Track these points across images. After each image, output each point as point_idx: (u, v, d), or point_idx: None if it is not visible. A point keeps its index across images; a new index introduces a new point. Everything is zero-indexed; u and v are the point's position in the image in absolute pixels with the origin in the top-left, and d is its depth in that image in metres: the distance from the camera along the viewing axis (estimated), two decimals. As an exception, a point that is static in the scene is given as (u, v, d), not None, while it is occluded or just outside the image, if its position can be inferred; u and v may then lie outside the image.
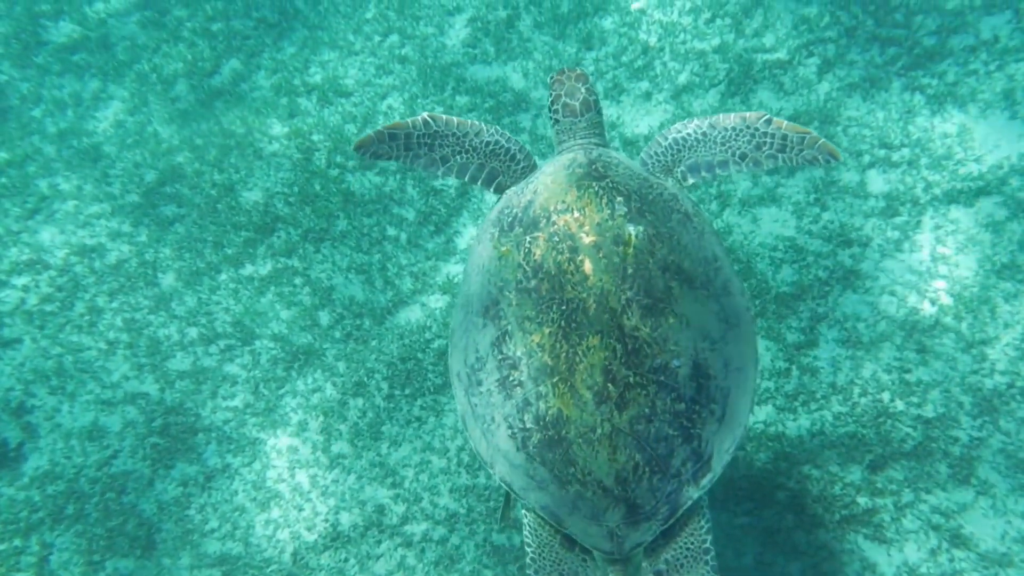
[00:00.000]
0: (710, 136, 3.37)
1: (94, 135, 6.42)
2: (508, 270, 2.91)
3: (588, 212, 2.88)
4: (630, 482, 2.68)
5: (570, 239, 2.83)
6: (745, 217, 5.62)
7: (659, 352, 2.70)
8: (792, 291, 5.25)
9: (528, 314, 2.79)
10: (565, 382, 2.68)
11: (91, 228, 5.95)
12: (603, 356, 2.67)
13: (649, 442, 2.67)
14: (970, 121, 5.53)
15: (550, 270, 2.81)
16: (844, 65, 5.98)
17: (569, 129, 3.48)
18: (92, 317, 5.56)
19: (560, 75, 3.53)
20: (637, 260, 2.79)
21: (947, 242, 5.16)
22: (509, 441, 2.81)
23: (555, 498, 2.76)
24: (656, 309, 2.74)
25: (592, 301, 2.73)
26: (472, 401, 2.95)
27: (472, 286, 3.10)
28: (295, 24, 6.96)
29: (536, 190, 3.08)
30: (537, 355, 2.74)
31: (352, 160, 6.23)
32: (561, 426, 2.70)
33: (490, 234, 3.10)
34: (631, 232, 2.83)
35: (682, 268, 2.85)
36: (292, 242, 5.90)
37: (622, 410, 2.66)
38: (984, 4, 5.85)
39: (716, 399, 2.78)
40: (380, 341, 5.61)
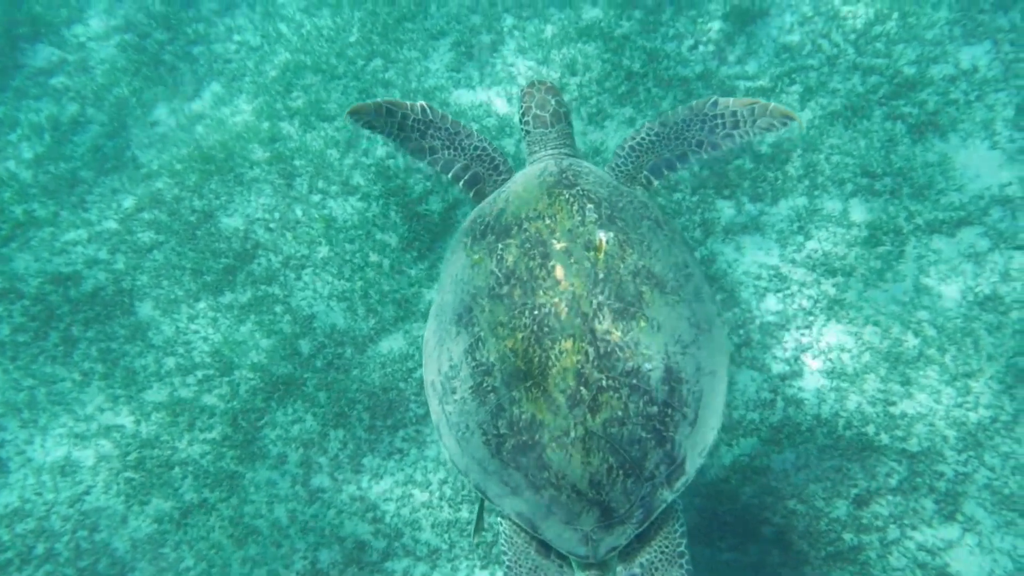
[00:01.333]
0: (663, 134, 3.43)
1: (72, 160, 6.31)
2: (481, 277, 2.94)
3: (559, 219, 2.92)
4: (604, 485, 2.69)
5: (542, 245, 2.87)
6: (729, 245, 5.60)
7: (631, 356, 2.72)
8: (777, 320, 5.23)
9: (501, 320, 2.81)
10: (538, 386, 2.69)
11: (67, 255, 5.84)
12: (576, 360, 2.69)
13: (622, 445, 2.69)
14: (951, 150, 5.55)
15: (522, 276, 2.84)
16: (826, 93, 6.00)
17: (540, 139, 3.53)
18: (66, 347, 5.44)
19: (531, 87, 3.59)
20: (608, 265, 2.82)
21: (930, 272, 5.16)
22: (483, 448, 2.82)
23: (529, 503, 2.77)
24: (627, 313, 2.77)
25: (564, 306, 2.75)
26: (446, 409, 2.96)
27: (445, 295, 3.12)
28: (277, 47, 6.91)
29: (508, 199, 3.10)
30: (510, 360, 2.76)
31: (335, 186, 6.17)
32: (535, 430, 2.71)
33: (463, 243, 3.13)
34: (602, 238, 2.86)
35: (652, 273, 2.89)
36: (273, 269, 5.82)
37: (595, 413, 2.67)
38: (963, 34, 5.90)
39: (688, 402, 2.80)
40: (362, 370, 5.53)
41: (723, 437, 4.92)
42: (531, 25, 6.88)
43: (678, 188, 5.89)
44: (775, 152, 5.83)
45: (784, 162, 5.80)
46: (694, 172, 5.89)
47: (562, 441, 2.68)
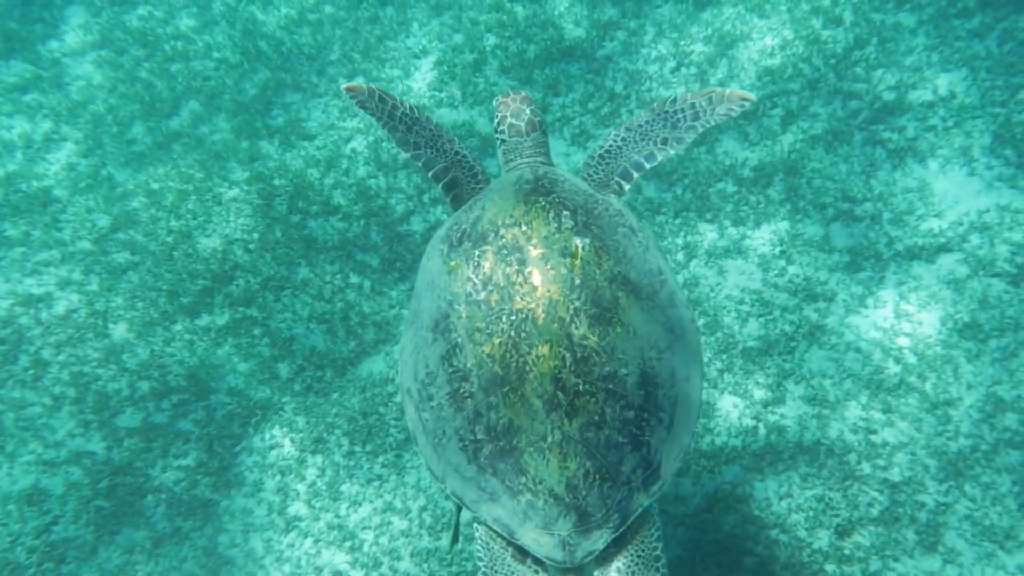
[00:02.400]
0: (629, 138, 3.50)
1: (44, 178, 6.19)
2: (458, 283, 2.95)
3: (536, 225, 2.93)
4: (581, 490, 2.70)
5: (518, 252, 2.88)
6: (711, 269, 5.60)
7: (607, 361, 2.74)
8: (759, 346, 5.22)
9: (478, 326, 2.82)
10: (515, 391, 2.70)
11: (39, 276, 5.70)
12: (553, 364, 2.71)
13: (599, 449, 2.70)
14: (930, 176, 5.59)
15: (499, 282, 2.85)
16: (807, 117, 6.03)
17: (515, 148, 3.56)
18: (37, 371, 5.31)
19: (506, 97, 3.62)
20: (584, 271, 2.84)
21: (910, 299, 5.18)
22: (460, 454, 2.83)
23: (506, 509, 2.78)
24: (604, 319, 2.79)
25: (541, 311, 2.76)
26: (423, 416, 2.95)
27: (422, 302, 3.12)
28: (257, 65, 6.84)
29: (484, 206, 3.12)
30: (487, 366, 2.76)
31: (315, 206, 6.10)
32: (512, 435, 2.72)
33: (439, 250, 3.14)
34: (578, 244, 2.88)
35: (628, 279, 2.91)
36: (251, 291, 5.73)
37: (572, 417, 2.69)
38: (941, 60, 5.96)
39: (664, 407, 2.83)
40: (341, 394, 5.45)
41: (705, 464, 4.90)
42: (513, 45, 6.87)
43: (661, 211, 5.88)
44: (757, 176, 5.85)
45: (766, 186, 5.82)
46: (677, 195, 5.89)
47: (539, 446, 2.69)
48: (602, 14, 6.95)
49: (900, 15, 6.22)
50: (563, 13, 7.06)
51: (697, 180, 5.92)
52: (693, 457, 4.95)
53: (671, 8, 6.86)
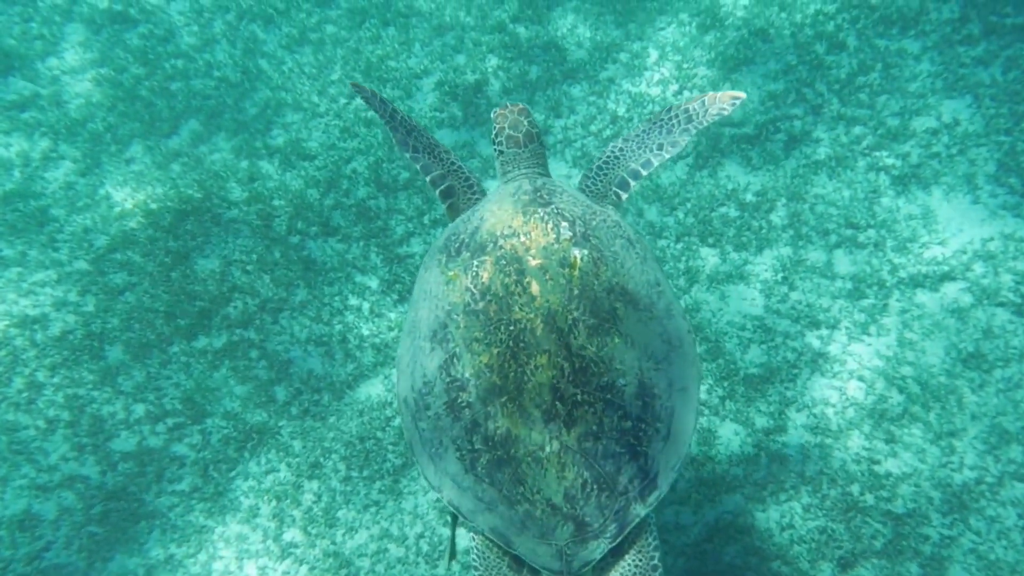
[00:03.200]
0: (627, 148, 3.60)
1: (42, 197, 6.14)
2: (456, 294, 2.96)
3: (534, 236, 2.95)
4: (578, 500, 2.71)
5: (517, 262, 2.89)
6: (713, 294, 5.56)
7: (605, 371, 2.76)
8: (761, 373, 5.17)
9: (476, 336, 2.83)
10: (513, 401, 2.71)
11: (34, 297, 5.65)
12: (551, 375, 2.72)
13: (597, 459, 2.71)
14: (934, 203, 5.57)
15: (498, 292, 2.86)
16: (810, 142, 6.01)
17: (513, 160, 3.59)
18: (31, 394, 5.25)
19: (503, 109, 3.66)
20: (583, 282, 2.86)
21: (914, 327, 5.14)
22: (458, 463, 2.83)
23: (504, 519, 2.78)
24: (602, 329, 2.80)
25: (540, 321, 2.78)
26: (420, 426, 2.96)
27: (419, 312, 3.13)
28: (258, 84, 6.81)
29: (483, 217, 3.14)
30: (486, 375, 2.77)
31: (314, 227, 6.06)
32: (510, 445, 2.72)
33: (437, 260, 3.15)
34: (576, 255, 2.89)
35: (626, 290, 2.93)
36: (249, 313, 5.68)
37: (570, 428, 2.70)
38: (945, 87, 5.94)
39: (661, 418, 2.83)
40: (339, 418, 5.39)
41: (706, 493, 4.84)
42: (516, 66, 6.86)
43: (663, 235, 5.85)
44: (760, 201, 5.82)
45: (769, 211, 5.79)
46: (679, 220, 5.86)
47: (537, 456, 2.70)
48: (605, 36, 6.94)
49: (904, 41, 6.22)
50: (565, 35, 7.05)
51: (699, 204, 5.89)
52: (693, 485, 4.89)
53: (674, 31, 6.85)
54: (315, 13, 7.26)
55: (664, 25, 6.93)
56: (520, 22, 7.19)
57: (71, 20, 7.15)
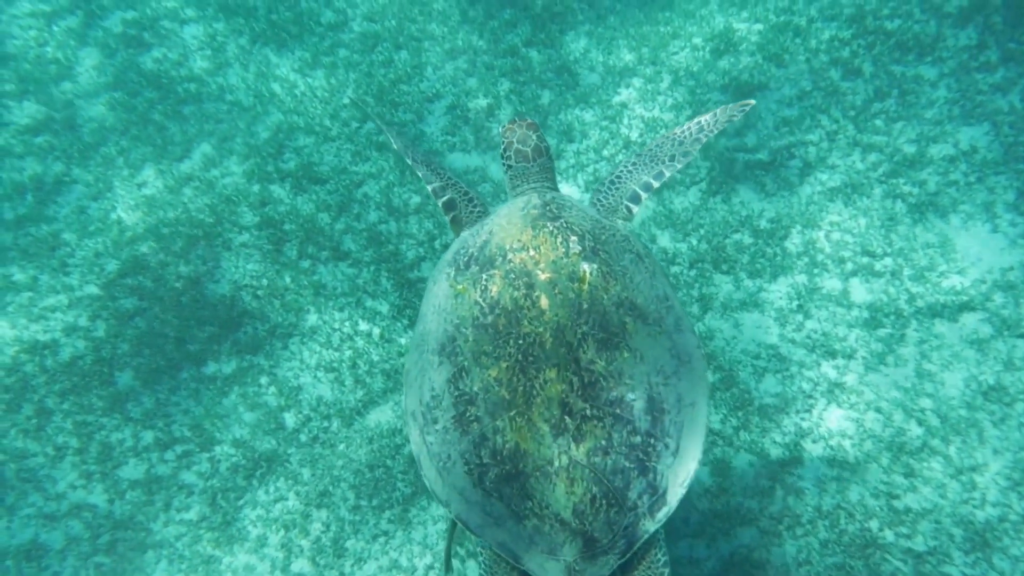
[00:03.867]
0: (639, 163, 3.67)
1: (54, 221, 6.15)
2: (464, 307, 2.95)
3: (544, 250, 2.96)
4: (587, 515, 2.69)
5: (526, 276, 2.90)
6: (727, 322, 5.49)
7: (614, 385, 2.75)
8: (776, 403, 5.09)
9: (485, 349, 2.83)
10: (522, 415, 2.70)
11: (45, 322, 5.64)
12: (560, 389, 2.71)
13: (606, 475, 2.70)
14: (952, 232, 5.49)
15: (507, 306, 2.86)
16: (826, 169, 5.96)
17: (522, 174, 3.64)
18: (40, 420, 5.22)
19: (512, 124, 3.73)
20: (592, 296, 2.86)
21: (932, 358, 5.05)
22: (466, 478, 2.81)
23: (512, 534, 2.75)
24: (611, 343, 2.80)
25: (549, 335, 2.78)
26: (427, 440, 2.95)
27: (427, 325, 3.12)
28: (270, 108, 6.82)
29: (492, 230, 3.14)
30: (494, 389, 2.77)
31: (325, 251, 6.04)
32: (518, 460, 2.71)
33: (446, 274, 3.15)
34: (586, 269, 2.90)
35: (635, 304, 2.93)
36: (259, 338, 5.65)
37: (579, 442, 2.68)
38: (962, 114, 5.89)
39: (670, 433, 2.82)
40: (348, 445, 5.34)
41: (720, 526, 4.75)
42: (528, 90, 6.85)
43: (676, 261, 5.79)
44: (774, 227, 5.76)
45: (783, 238, 5.73)
46: (692, 246, 5.80)
47: (546, 471, 2.68)
48: (618, 60, 6.92)
49: (921, 67, 6.17)
50: (578, 59, 7.04)
51: (713, 231, 5.83)
52: (707, 518, 4.81)
53: (687, 55, 6.83)
54: (328, 36, 7.28)
55: (677, 50, 6.90)
56: (533, 46, 7.19)
57: (86, 44, 7.19)
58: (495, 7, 7.41)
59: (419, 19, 7.37)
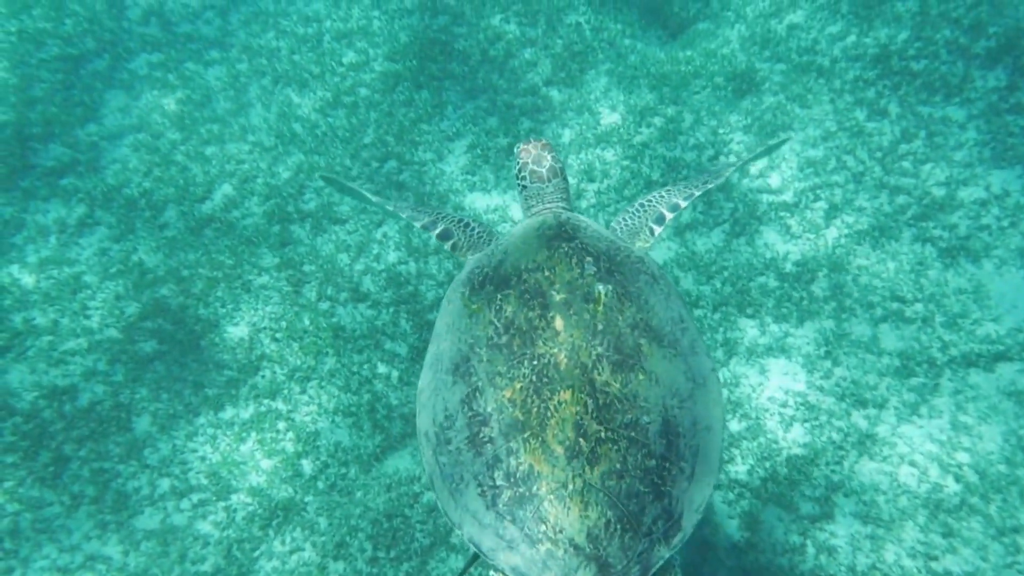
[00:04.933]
0: (673, 190, 3.72)
1: (76, 264, 6.16)
2: (479, 327, 2.94)
3: (559, 271, 2.97)
4: (602, 540, 2.62)
5: (541, 296, 2.90)
6: (753, 367, 5.36)
7: (630, 408, 2.73)
8: (804, 453, 4.95)
9: (499, 370, 2.82)
10: (536, 437, 2.68)
11: (64, 367, 5.62)
12: (575, 411, 2.68)
13: (621, 498, 2.65)
14: (985, 278, 5.35)
15: (521, 326, 2.86)
16: (852, 211, 5.85)
17: (537, 194, 3.63)
18: (57, 468, 5.18)
19: (527, 145, 3.72)
20: (607, 317, 2.86)
21: (968, 409, 4.89)
22: (479, 500, 2.77)
23: (525, 558, 2.67)
24: (626, 365, 2.79)
25: (563, 356, 2.77)
26: (440, 460, 2.92)
27: (441, 344, 3.11)
28: (291, 148, 6.84)
29: (507, 250, 3.15)
30: (508, 410, 2.75)
31: (344, 292, 5.99)
32: (532, 482, 2.67)
33: (460, 293, 3.14)
34: (601, 290, 2.89)
35: (650, 326, 2.92)
36: (277, 382, 5.60)
37: (593, 465, 2.65)
38: (993, 156, 5.76)
39: (685, 457, 2.79)
40: (366, 493, 5.25)
41: (750, 585, 4.59)
42: (549, 129, 6.82)
43: (699, 304, 5.69)
44: (800, 271, 5.64)
45: (810, 282, 5.61)
46: (716, 289, 5.69)
47: (560, 494, 2.63)
48: (639, 99, 6.88)
49: (948, 109, 6.07)
50: (599, 97, 7.01)
51: (737, 273, 5.73)
52: (735, 575, 4.65)
53: (709, 95, 6.77)
54: (349, 76, 7.31)
55: (699, 89, 6.85)
56: (553, 85, 7.18)
57: (111, 86, 7.28)
58: (515, 46, 7.42)
59: (439, 59, 7.38)
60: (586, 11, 7.63)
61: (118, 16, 7.76)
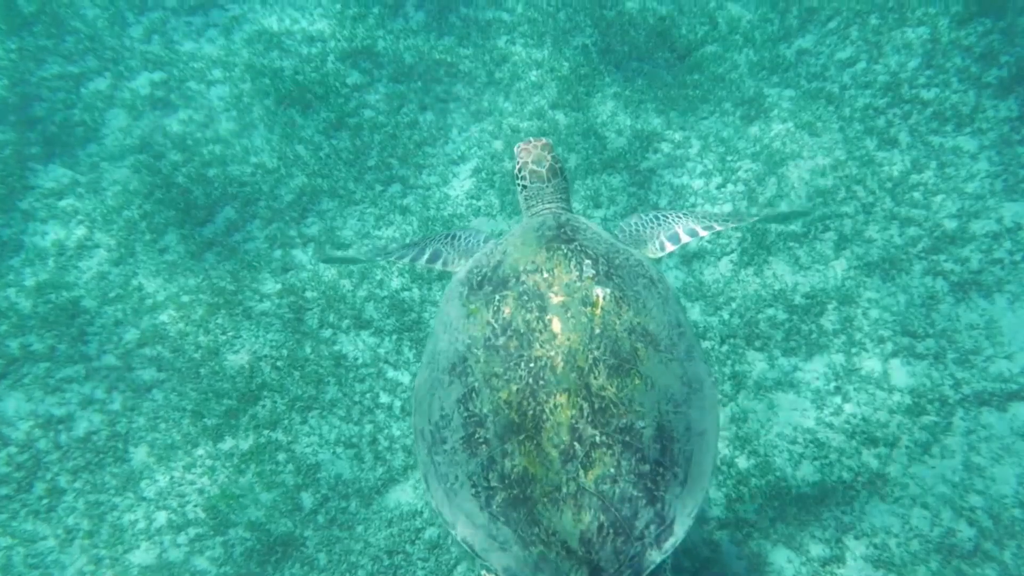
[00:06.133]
0: (696, 215, 3.73)
1: (74, 288, 6.07)
2: (476, 328, 2.96)
3: (557, 273, 2.98)
4: (594, 544, 2.66)
5: (539, 298, 2.92)
6: (761, 402, 5.28)
7: (625, 412, 2.75)
8: (814, 493, 4.85)
9: (496, 371, 2.83)
10: (531, 440, 2.70)
11: (61, 395, 5.53)
12: (570, 414, 2.71)
13: (614, 503, 2.68)
14: (997, 313, 5.27)
15: (519, 328, 2.87)
16: (862, 242, 5.77)
17: (537, 194, 3.63)
18: (51, 500, 5.08)
19: (527, 144, 3.69)
20: (604, 321, 2.87)
21: (981, 450, 4.80)
22: (472, 500, 2.80)
23: (518, 559, 2.72)
24: (622, 370, 2.80)
25: (560, 359, 2.78)
26: (435, 459, 2.95)
27: (439, 344, 3.12)
28: (294, 170, 6.76)
29: (506, 251, 3.16)
30: (504, 412, 2.76)
31: (346, 320, 5.91)
32: (526, 485, 2.70)
33: (458, 292, 3.16)
34: (599, 294, 2.92)
35: (647, 331, 2.93)
36: (277, 412, 5.50)
37: (588, 469, 2.67)
38: (1005, 189, 5.69)
39: (679, 462, 2.81)
40: (367, 527, 5.15)
41: (759, 630, 4.49)
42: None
43: (706, 336, 5.60)
44: (809, 303, 5.56)
45: (819, 314, 5.53)
46: (724, 320, 5.61)
47: (554, 497, 2.67)
48: (646, 124, 6.81)
49: (959, 139, 6.00)
50: (605, 122, 6.94)
51: (745, 305, 5.65)
52: (744, 616, 4.56)
53: (717, 121, 6.70)
54: (353, 98, 7.24)
55: (707, 114, 6.79)
56: (559, 108, 7.11)
57: (113, 105, 7.19)
58: (521, 68, 7.36)
59: (445, 80, 7.32)
60: (592, 33, 7.57)
61: (120, 34, 7.69)
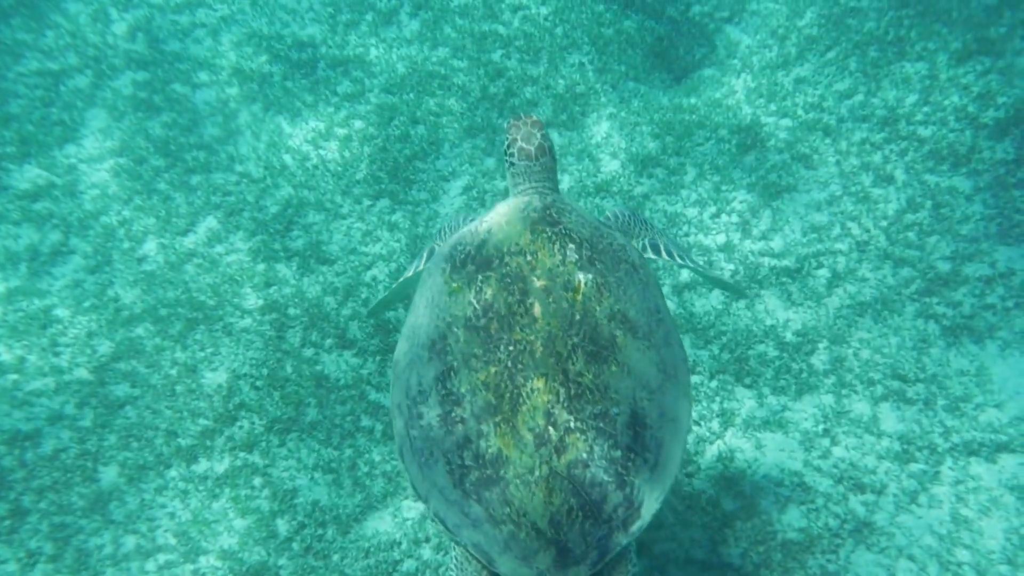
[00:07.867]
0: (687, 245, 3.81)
1: (47, 295, 5.85)
2: (458, 307, 2.98)
3: (540, 256, 3.00)
4: (563, 526, 2.73)
5: (521, 281, 2.94)
6: (749, 441, 5.21)
7: (600, 399, 2.80)
8: (800, 539, 4.79)
9: (475, 352, 2.87)
10: (507, 422, 2.76)
11: (29, 409, 5.32)
12: (546, 399, 2.76)
13: (584, 487, 2.74)
14: (988, 360, 5.24)
15: (500, 310, 2.90)
16: (855, 281, 5.72)
17: (524, 172, 3.61)
18: (14, 522, 4.88)
19: (517, 120, 3.69)
20: (585, 307, 2.91)
21: (968, 502, 4.77)
22: (446, 477, 2.86)
23: (488, 537, 2.79)
24: (600, 356, 2.85)
25: (539, 344, 2.82)
26: (412, 434, 2.98)
27: (419, 318, 3.14)
28: (280, 181, 6.58)
29: (490, 229, 3.15)
30: (481, 393, 2.81)
31: (329, 339, 5.76)
32: (500, 466, 2.76)
33: (441, 268, 3.16)
34: (581, 279, 2.95)
35: (627, 317, 2.97)
36: (255, 434, 5.34)
37: (561, 454, 2.73)
38: (999, 232, 5.67)
39: (650, 448, 2.87)
40: (343, 557, 5.01)
41: None
42: (547, 174, 6.62)
43: (696, 370, 5.52)
44: (801, 341, 5.50)
45: (810, 353, 5.47)
46: (714, 354, 5.53)
47: (526, 479, 2.72)
48: (641, 147, 6.72)
49: (955, 179, 5.97)
50: (600, 143, 6.84)
51: (736, 339, 5.58)
52: (725, 661, 4.49)
53: (713, 147, 6.63)
54: (344, 107, 7.07)
55: (702, 140, 6.70)
56: (553, 127, 7.00)
57: (93, 105, 6.96)
58: (516, 84, 7.23)
59: (438, 93, 7.17)
60: (590, 51, 7.46)
61: (102, 31, 7.44)
